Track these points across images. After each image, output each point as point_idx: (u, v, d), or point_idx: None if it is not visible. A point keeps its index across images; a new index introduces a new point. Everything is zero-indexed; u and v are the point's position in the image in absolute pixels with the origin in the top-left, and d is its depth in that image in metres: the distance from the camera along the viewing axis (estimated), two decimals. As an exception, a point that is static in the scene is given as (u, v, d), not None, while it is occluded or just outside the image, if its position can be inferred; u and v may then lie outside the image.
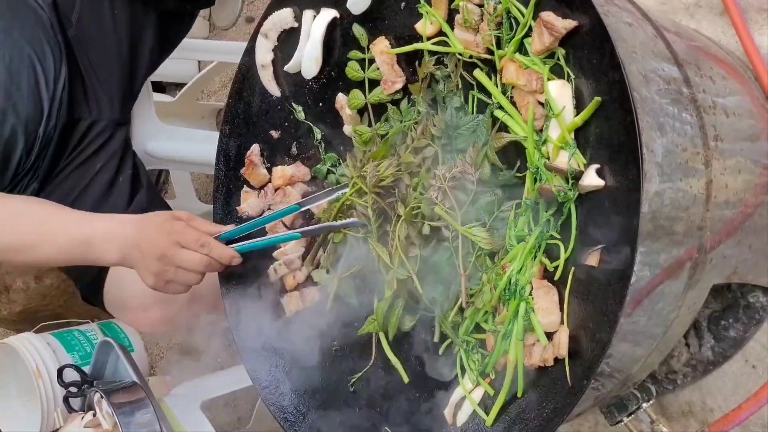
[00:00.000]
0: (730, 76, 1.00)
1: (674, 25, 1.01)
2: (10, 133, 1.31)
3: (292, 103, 1.10)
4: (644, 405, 0.96)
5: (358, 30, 1.01)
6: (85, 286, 1.48)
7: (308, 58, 1.06)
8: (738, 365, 1.11)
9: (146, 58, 1.48)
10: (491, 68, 0.88)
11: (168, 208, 1.56)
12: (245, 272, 1.14)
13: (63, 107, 1.37)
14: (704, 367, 1.12)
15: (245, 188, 1.13)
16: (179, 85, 2.24)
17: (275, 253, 1.10)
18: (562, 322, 0.79)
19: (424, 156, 0.93)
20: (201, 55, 2.10)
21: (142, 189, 1.49)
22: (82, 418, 1.29)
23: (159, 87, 2.27)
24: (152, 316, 1.39)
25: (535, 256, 0.82)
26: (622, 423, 0.96)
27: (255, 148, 1.12)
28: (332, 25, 1.04)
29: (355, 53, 1.02)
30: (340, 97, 1.04)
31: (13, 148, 1.32)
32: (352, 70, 1.02)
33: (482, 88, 0.89)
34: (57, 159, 1.41)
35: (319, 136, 1.08)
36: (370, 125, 1.02)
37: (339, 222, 0.99)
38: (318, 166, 1.08)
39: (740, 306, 1.09)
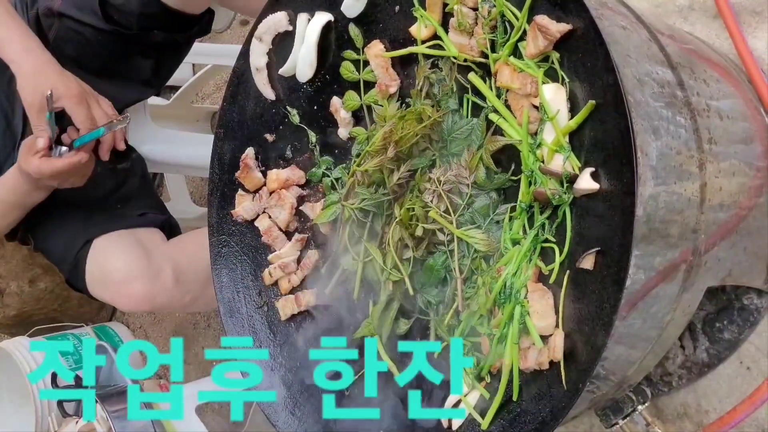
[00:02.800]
0: (723, 79, 1.01)
1: (668, 28, 1.01)
2: None
3: (287, 107, 1.10)
4: (639, 407, 0.96)
5: (354, 30, 1.01)
6: (69, 269, 1.47)
7: (303, 62, 1.06)
8: (733, 367, 1.11)
9: (141, 82, 1.48)
10: (486, 72, 0.88)
11: (155, 201, 1.56)
12: (239, 276, 1.14)
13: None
14: (699, 369, 1.12)
15: (240, 191, 1.13)
16: (173, 88, 2.23)
17: (270, 257, 1.10)
18: (557, 326, 0.79)
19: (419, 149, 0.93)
20: (195, 58, 2.09)
21: (134, 177, 1.49)
22: (77, 422, 1.29)
23: (153, 90, 2.26)
24: (134, 292, 1.38)
25: (530, 260, 0.82)
26: (618, 425, 0.96)
27: (250, 152, 1.12)
28: (327, 29, 1.04)
29: (349, 53, 1.02)
30: (335, 101, 1.04)
31: None
32: (347, 70, 1.02)
33: (477, 92, 0.89)
34: None
35: (313, 140, 1.08)
36: (366, 127, 1.02)
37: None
38: (313, 169, 1.07)
39: (735, 308, 1.10)
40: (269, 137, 1.12)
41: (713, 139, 0.87)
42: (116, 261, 1.36)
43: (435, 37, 0.92)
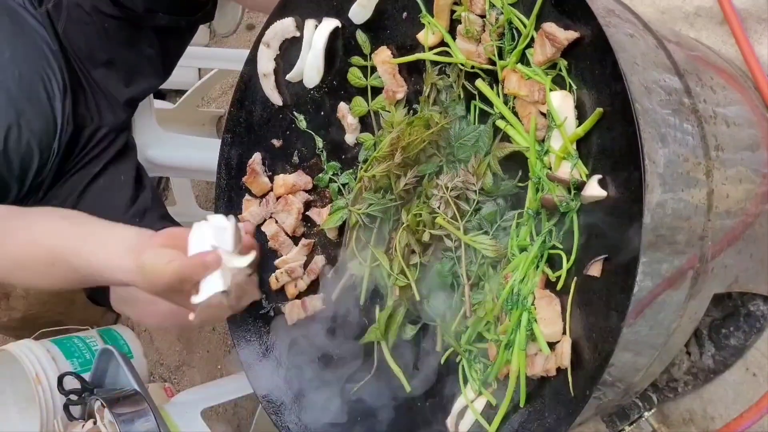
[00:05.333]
0: (730, 86, 1.01)
1: (674, 34, 1.01)
2: (26, 149, 1.29)
3: (294, 112, 1.10)
4: (646, 414, 0.96)
5: (361, 37, 1.01)
6: (92, 286, 1.46)
7: (310, 68, 1.06)
8: (739, 373, 1.11)
9: (149, 72, 1.48)
10: (493, 78, 0.88)
11: (166, 211, 1.56)
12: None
13: (69, 117, 1.37)
14: (705, 375, 1.12)
15: (247, 196, 1.14)
16: (179, 92, 2.24)
17: (277, 262, 1.10)
18: (564, 332, 0.80)
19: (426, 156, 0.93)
20: (201, 63, 2.10)
21: (145, 189, 1.49)
22: (83, 426, 1.29)
23: (159, 94, 2.28)
24: (160, 310, 1.36)
25: (537, 266, 0.82)
26: (624, 432, 0.96)
27: (257, 157, 1.13)
28: (334, 35, 1.04)
29: (357, 59, 1.02)
30: (342, 106, 1.05)
31: (29, 164, 1.31)
32: (354, 76, 1.02)
33: (484, 98, 0.89)
34: (62, 168, 1.41)
35: (320, 145, 1.08)
36: (373, 133, 1.02)
37: None
38: (320, 174, 1.08)
39: (741, 314, 1.10)
40: (276, 142, 1.12)
41: (720, 146, 0.87)
42: None
43: (442, 43, 0.93)
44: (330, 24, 1.04)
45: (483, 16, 0.88)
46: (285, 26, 1.08)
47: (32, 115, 1.30)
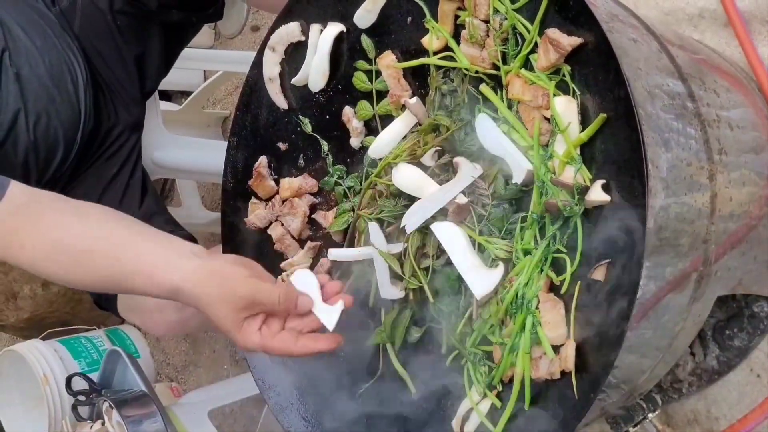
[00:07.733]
0: (733, 88, 1.01)
1: (678, 37, 1.02)
2: (53, 139, 1.29)
3: (300, 116, 1.11)
4: (650, 415, 0.97)
5: (366, 41, 1.02)
6: (98, 293, 1.46)
7: (315, 72, 1.07)
8: (743, 374, 1.12)
9: (153, 67, 1.49)
10: (497, 83, 0.89)
11: (170, 215, 1.56)
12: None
13: (91, 110, 1.37)
14: (709, 376, 1.12)
15: (253, 200, 1.14)
16: (185, 94, 2.25)
17: (283, 264, 1.11)
18: (568, 336, 0.80)
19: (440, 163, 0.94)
20: (206, 65, 2.11)
21: (149, 192, 1.49)
22: (91, 427, 1.30)
23: (165, 95, 2.28)
24: (167, 319, 1.36)
25: (542, 270, 0.83)
26: (628, 433, 0.97)
27: (262, 160, 1.13)
28: (339, 39, 1.05)
29: (362, 64, 1.03)
30: (347, 110, 1.05)
31: (53, 155, 1.31)
32: (360, 80, 1.03)
33: (488, 103, 0.90)
34: (80, 164, 1.41)
35: (326, 149, 1.09)
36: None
37: None
38: (325, 178, 1.08)
39: (745, 316, 1.10)
40: (282, 146, 1.13)
41: (723, 150, 0.88)
42: None
43: (446, 48, 0.93)
44: (335, 28, 1.04)
45: (487, 22, 0.88)
46: (290, 31, 1.08)
47: (60, 104, 1.29)
